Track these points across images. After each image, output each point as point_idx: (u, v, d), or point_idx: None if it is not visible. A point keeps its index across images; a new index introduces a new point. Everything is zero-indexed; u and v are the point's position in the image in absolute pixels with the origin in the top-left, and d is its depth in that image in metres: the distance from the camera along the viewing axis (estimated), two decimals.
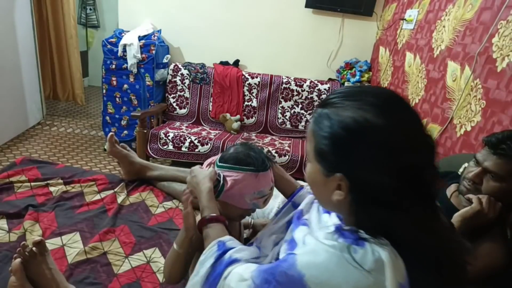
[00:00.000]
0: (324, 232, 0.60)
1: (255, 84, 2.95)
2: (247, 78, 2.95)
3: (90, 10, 4.66)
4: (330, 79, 3.06)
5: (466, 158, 1.25)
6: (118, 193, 1.48)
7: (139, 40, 2.75)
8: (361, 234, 0.54)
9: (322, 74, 3.08)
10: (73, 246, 1.17)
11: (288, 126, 2.99)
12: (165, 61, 2.89)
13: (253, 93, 2.97)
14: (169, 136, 2.57)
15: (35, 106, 3.26)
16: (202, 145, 2.55)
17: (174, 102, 2.98)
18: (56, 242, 1.17)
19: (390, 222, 0.53)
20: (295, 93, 2.94)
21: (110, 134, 1.53)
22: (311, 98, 2.94)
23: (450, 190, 1.16)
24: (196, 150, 2.56)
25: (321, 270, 0.52)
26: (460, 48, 1.64)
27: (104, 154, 2.95)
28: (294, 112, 2.97)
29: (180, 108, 2.99)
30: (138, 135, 2.55)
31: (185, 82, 2.96)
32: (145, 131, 2.56)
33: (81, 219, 1.30)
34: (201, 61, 3.02)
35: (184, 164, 2.58)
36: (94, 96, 4.59)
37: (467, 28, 1.60)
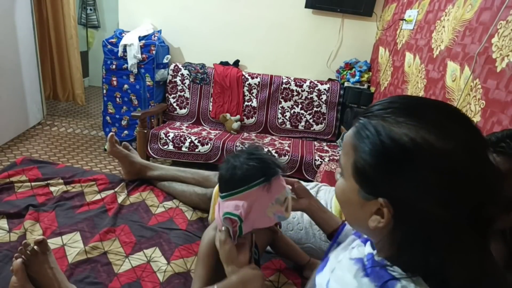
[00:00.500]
0: (349, 261, 0.54)
1: (255, 84, 2.96)
2: (247, 78, 2.95)
3: (91, 10, 4.67)
4: (330, 79, 3.07)
5: None
6: (118, 193, 1.48)
7: (140, 40, 2.76)
8: (393, 272, 0.47)
9: (322, 74, 3.08)
10: (73, 245, 1.17)
11: (288, 126, 2.99)
12: (165, 61, 2.90)
13: (253, 93, 2.97)
14: (169, 136, 2.57)
15: (36, 106, 3.26)
16: (202, 145, 2.55)
17: (174, 102, 2.98)
18: (56, 241, 1.17)
19: (436, 263, 0.45)
20: (295, 93, 2.95)
21: (111, 134, 1.53)
22: (311, 98, 2.94)
23: None
24: (196, 150, 2.56)
25: None
26: (459, 48, 1.64)
27: (104, 154, 2.95)
28: (294, 112, 2.97)
29: (180, 108, 2.99)
30: (139, 135, 2.56)
31: (185, 82, 2.96)
32: (145, 131, 2.56)
33: (81, 219, 1.30)
34: (201, 61, 3.02)
35: (184, 164, 2.58)
36: (95, 96, 4.60)
37: (467, 28, 1.60)
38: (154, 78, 2.81)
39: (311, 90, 2.93)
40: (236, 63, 3.06)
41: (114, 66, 2.81)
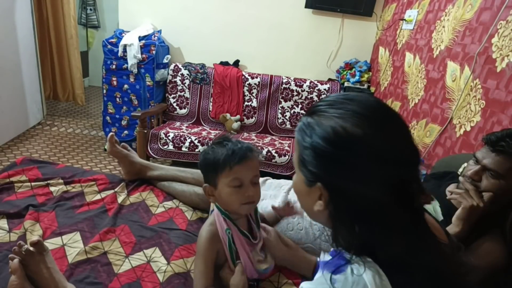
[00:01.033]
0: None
1: (255, 84, 2.96)
2: (247, 78, 2.95)
3: (91, 10, 4.67)
4: (330, 79, 3.06)
5: (465, 158, 1.25)
6: (118, 193, 1.48)
7: (139, 40, 2.76)
8: (345, 254, 0.52)
9: (322, 74, 3.08)
10: (73, 246, 1.17)
11: (288, 126, 2.99)
12: (165, 61, 2.90)
13: (253, 93, 2.97)
14: (169, 136, 2.57)
15: (36, 106, 3.26)
16: (202, 145, 2.55)
17: (174, 102, 2.98)
18: (56, 242, 1.17)
19: (371, 239, 0.51)
20: (295, 93, 2.95)
21: (111, 134, 1.53)
22: (311, 98, 2.94)
23: (449, 189, 1.16)
24: (196, 150, 2.56)
25: None
26: (459, 48, 1.64)
27: (104, 154, 2.95)
28: (294, 112, 2.97)
29: (180, 108, 2.99)
30: (139, 135, 2.56)
31: (185, 82, 2.96)
32: (145, 131, 2.56)
33: (81, 219, 1.30)
34: (201, 61, 3.02)
35: (184, 164, 2.58)
36: (94, 96, 4.60)
37: (467, 28, 1.60)
38: (154, 78, 2.81)
39: (311, 90, 2.93)
40: (236, 63, 3.06)
41: (114, 66, 2.81)
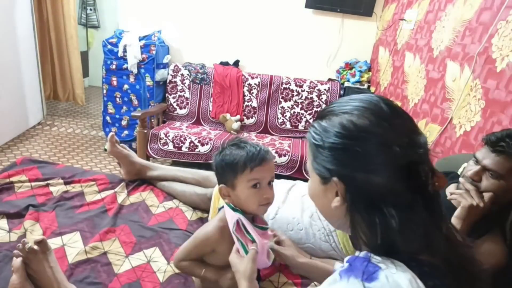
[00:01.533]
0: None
1: (255, 84, 2.96)
2: (247, 78, 2.95)
3: (91, 10, 4.67)
4: (330, 79, 3.06)
5: (465, 158, 1.25)
6: (118, 193, 1.48)
7: (140, 40, 2.76)
8: (372, 258, 0.52)
9: (322, 74, 3.08)
10: (73, 246, 1.18)
11: (288, 126, 2.99)
12: (165, 61, 2.90)
13: (253, 93, 2.97)
14: (169, 136, 2.57)
15: (36, 106, 3.26)
16: (202, 145, 2.55)
17: (174, 102, 2.98)
18: (56, 242, 1.17)
19: (391, 233, 0.50)
20: (295, 93, 2.94)
21: (111, 134, 1.53)
22: (311, 98, 2.94)
23: (450, 190, 1.16)
24: (196, 150, 2.56)
25: None
26: (459, 48, 1.64)
27: (104, 154, 2.95)
28: (294, 112, 2.97)
29: (180, 108, 2.99)
30: (139, 135, 2.56)
31: (185, 82, 2.96)
32: (145, 131, 2.56)
33: (81, 219, 1.30)
34: (201, 61, 3.02)
35: (184, 164, 2.58)
36: (95, 96, 4.60)
37: (467, 28, 1.60)
38: (154, 78, 2.81)
39: (311, 90, 2.93)
40: (236, 63, 3.06)
41: (114, 66, 2.81)
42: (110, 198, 1.44)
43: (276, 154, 2.49)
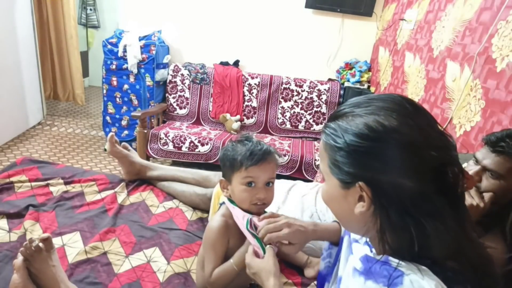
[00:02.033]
0: (351, 276, 0.55)
1: (255, 84, 2.96)
2: (247, 78, 2.95)
3: (91, 10, 4.66)
4: (330, 79, 3.06)
5: (465, 158, 1.25)
6: (118, 193, 1.48)
7: (140, 40, 2.76)
8: (393, 263, 0.50)
9: (322, 74, 3.08)
10: (73, 246, 1.18)
11: (288, 126, 2.99)
12: (165, 61, 2.89)
13: (253, 93, 2.97)
14: (169, 136, 2.57)
15: (36, 106, 3.26)
16: (202, 145, 2.55)
17: (174, 102, 2.98)
18: (56, 242, 1.17)
19: (420, 233, 0.48)
20: (295, 93, 2.94)
21: (111, 134, 1.53)
22: (311, 98, 2.94)
23: None
24: (196, 150, 2.56)
25: None
26: (459, 48, 1.64)
27: (104, 154, 2.95)
28: (294, 112, 2.97)
29: (180, 108, 2.99)
30: (139, 135, 2.56)
31: (185, 82, 2.96)
32: (145, 131, 2.56)
33: (81, 219, 1.30)
34: (201, 61, 3.02)
35: (184, 164, 2.58)
36: (94, 96, 4.59)
37: (467, 28, 1.60)
38: (154, 78, 2.81)
39: (311, 90, 2.93)
40: (236, 63, 3.05)
41: (114, 66, 2.81)
42: (110, 198, 1.44)
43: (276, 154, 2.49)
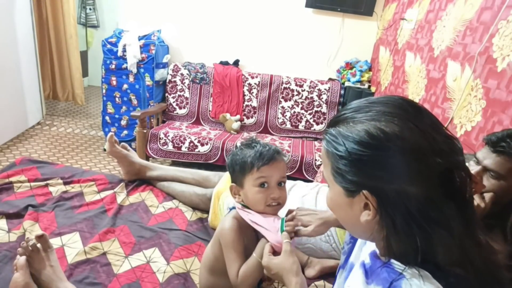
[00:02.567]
0: (359, 269, 0.55)
1: (255, 84, 2.95)
2: (247, 78, 2.95)
3: (90, 10, 4.66)
4: (330, 79, 3.06)
5: (466, 158, 1.25)
6: (117, 193, 1.48)
7: (139, 40, 2.75)
8: (396, 266, 0.49)
9: (322, 74, 3.07)
10: (72, 246, 1.17)
11: (288, 126, 2.98)
12: (165, 61, 2.89)
13: (253, 93, 2.97)
14: (169, 136, 2.57)
15: (35, 106, 3.26)
16: (202, 145, 2.55)
17: (174, 102, 2.98)
18: (55, 242, 1.17)
19: (425, 240, 0.47)
20: (295, 93, 2.94)
21: (110, 134, 1.53)
22: (311, 98, 2.93)
23: None
24: (196, 150, 2.55)
25: None
26: (460, 48, 1.63)
27: (103, 154, 2.95)
28: (294, 112, 2.97)
29: (180, 108, 2.99)
30: (138, 135, 2.55)
31: (185, 82, 2.96)
32: (144, 131, 2.55)
33: (80, 219, 1.30)
34: (201, 61, 3.02)
35: (184, 164, 2.58)
36: (94, 96, 4.59)
37: (468, 28, 1.59)
38: (154, 77, 2.80)
39: (312, 90, 2.93)
40: (236, 63, 3.05)
41: (113, 66, 2.80)
42: (109, 198, 1.44)
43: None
